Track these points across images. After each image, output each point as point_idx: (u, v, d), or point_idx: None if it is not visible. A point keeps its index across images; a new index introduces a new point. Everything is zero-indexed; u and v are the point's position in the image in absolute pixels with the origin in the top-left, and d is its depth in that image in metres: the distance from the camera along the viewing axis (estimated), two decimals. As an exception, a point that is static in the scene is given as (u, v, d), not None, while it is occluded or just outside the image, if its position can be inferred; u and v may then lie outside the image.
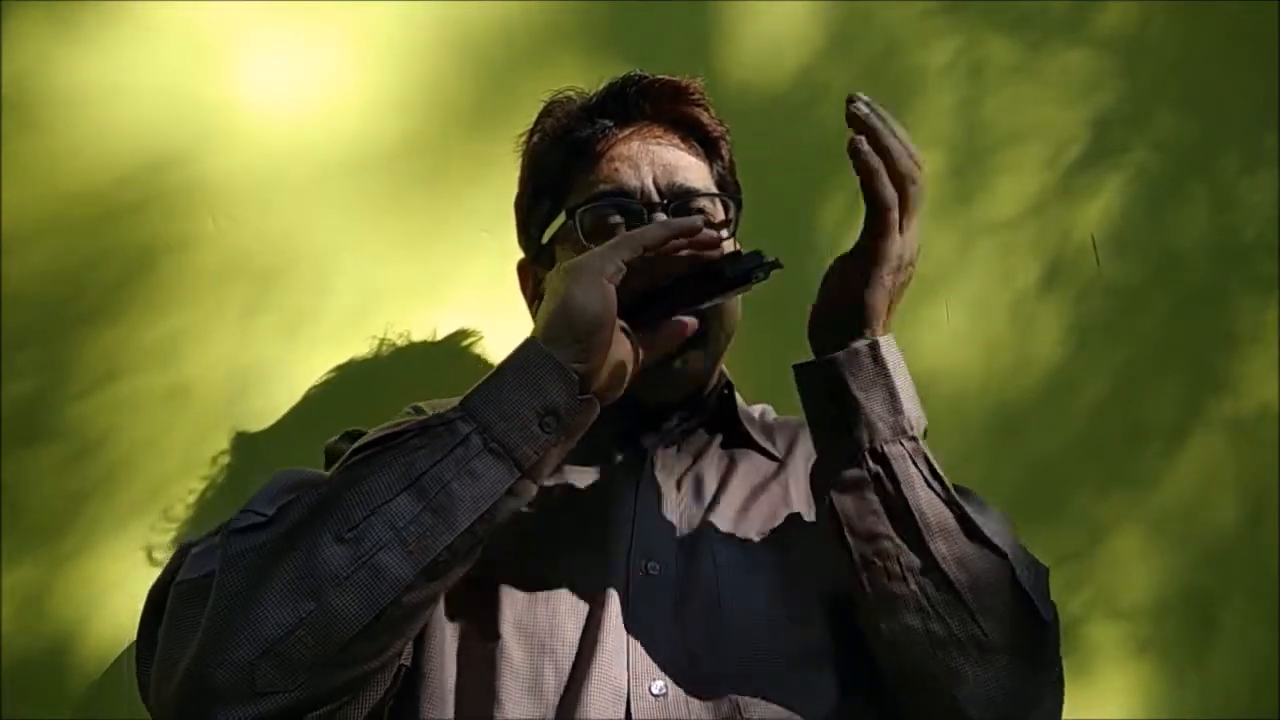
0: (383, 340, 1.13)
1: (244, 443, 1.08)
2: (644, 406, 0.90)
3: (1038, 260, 1.40)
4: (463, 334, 1.17)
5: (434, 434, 0.71)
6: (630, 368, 0.77)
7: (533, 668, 0.78)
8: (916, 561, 0.75)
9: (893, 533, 0.76)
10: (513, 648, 0.78)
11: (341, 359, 1.12)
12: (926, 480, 0.76)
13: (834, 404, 0.79)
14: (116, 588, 1.03)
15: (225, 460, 1.07)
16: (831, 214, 1.32)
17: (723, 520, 0.88)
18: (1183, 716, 1.38)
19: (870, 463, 0.76)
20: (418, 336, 1.15)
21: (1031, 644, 0.76)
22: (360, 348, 1.13)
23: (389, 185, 1.16)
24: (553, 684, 0.77)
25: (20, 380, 1.04)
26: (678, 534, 0.86)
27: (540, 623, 0.80)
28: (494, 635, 0.79)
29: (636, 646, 0.78)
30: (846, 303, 0.79)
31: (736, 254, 0.84)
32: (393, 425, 0.74)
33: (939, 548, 0.75)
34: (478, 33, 1.21)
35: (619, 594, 0.81)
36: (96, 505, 1.04)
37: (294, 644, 0.66)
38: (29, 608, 1.02)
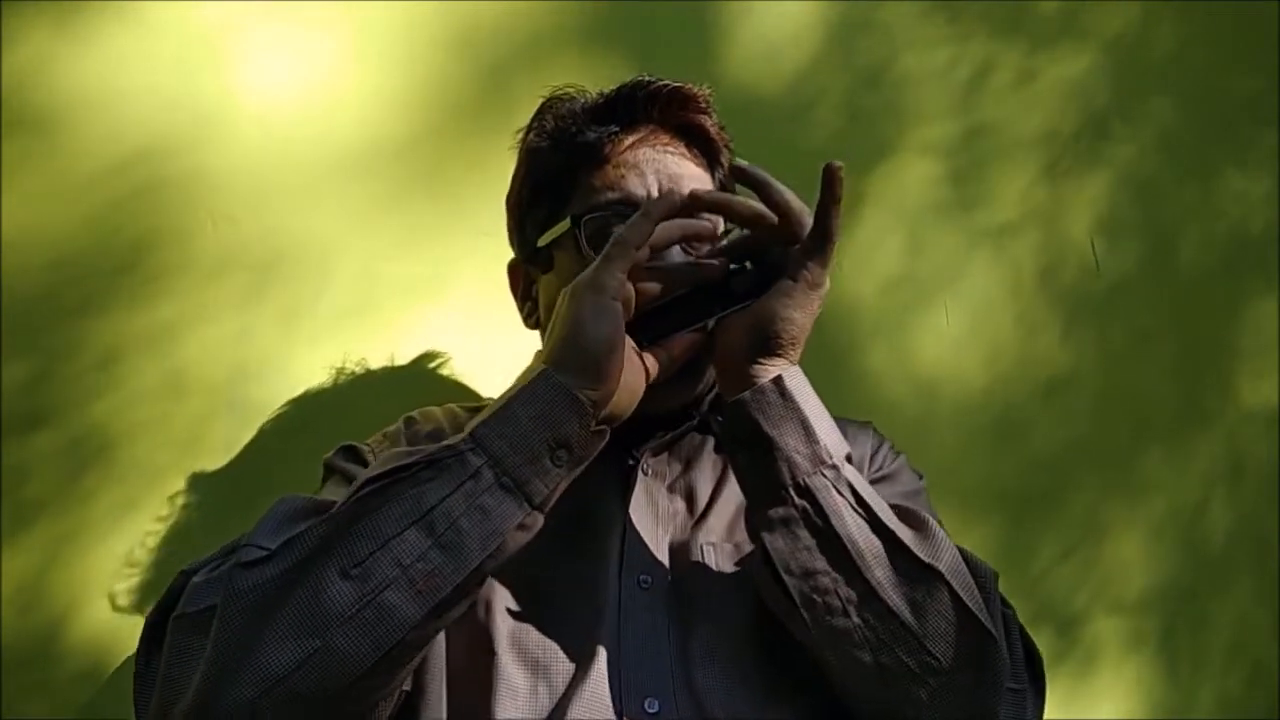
0: (379, 336, 1.13)
1: (241, 434, 1.08)
2: (638, 417, 0.85)
3: (1037, 263, 1.40)
4: (459, 332, 1.16)
5: (443, 466, 0.69)
6: (641, 387, 0.76)
7: (528, 685, 0.77)
8: (855, 594, 0.73)
9: (828, 567, 0.74)
10: (508, 664, 0.77)
11: (338, 354, 1.12)
12: (853, 507, 0.74)
13: (748, 446, 0.77)
14: (113, 579, 1.03)
15: (222, 452, 1.07)
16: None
17: (716, 528, 0.86)
18: (1181, 715, 1.38)
19: (795, 498, 0.74)
20: (414, 333, 1.15)
21: (981, 659, 0.73)
22: (357, 343, 1.12)
23: (388, 183, 1.16)
24: (547, 702, 0.76)
25: (18, 370, 1.04)
26: (669, 544, 0.85)
27: (534, 638, 0.79)
28: (489, 650, 0.78)
29: (630, 662, 0.77)
30: (764, 336, 0.78)
31: (742, 268, 0.82)
32: (402, 454, 0.71)
33: (875, 575, 0.73)
34: (478, 33, 1.21)
35: (611, 608, 0.80)
36: (93, 496, 1.04)
37: (297, 681, 0.65)
38: (25, 597, 1.02)
